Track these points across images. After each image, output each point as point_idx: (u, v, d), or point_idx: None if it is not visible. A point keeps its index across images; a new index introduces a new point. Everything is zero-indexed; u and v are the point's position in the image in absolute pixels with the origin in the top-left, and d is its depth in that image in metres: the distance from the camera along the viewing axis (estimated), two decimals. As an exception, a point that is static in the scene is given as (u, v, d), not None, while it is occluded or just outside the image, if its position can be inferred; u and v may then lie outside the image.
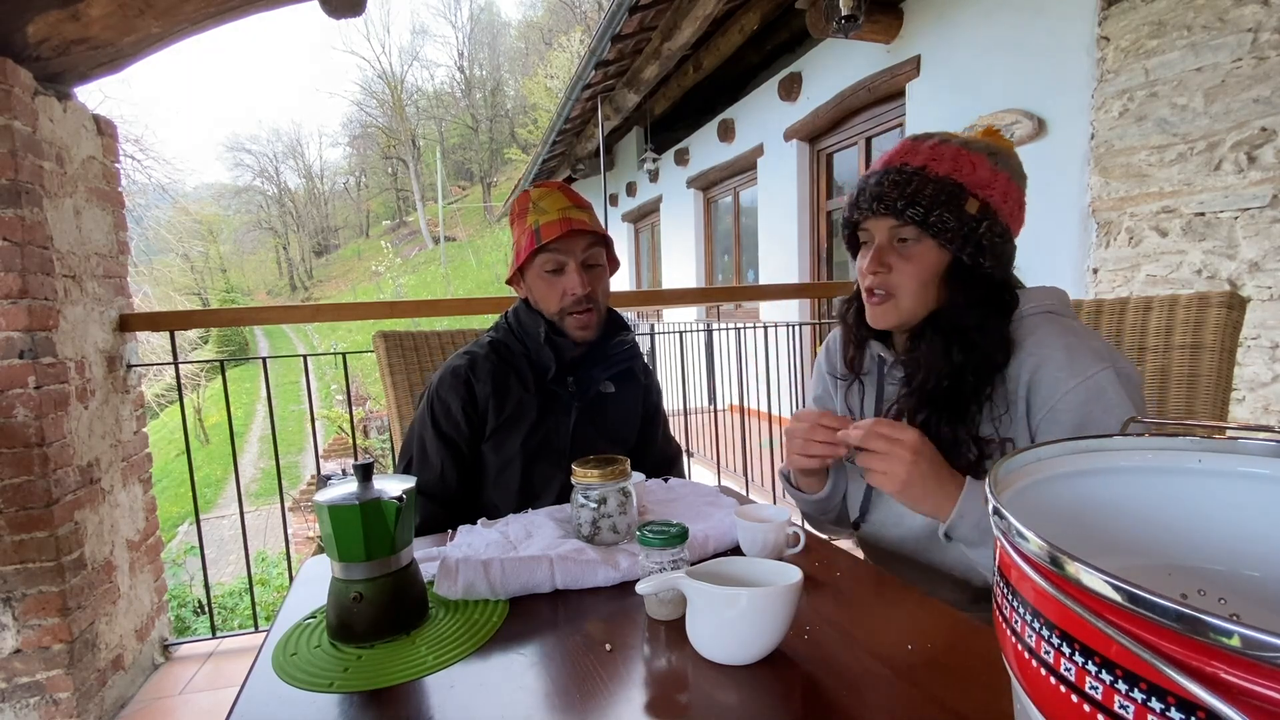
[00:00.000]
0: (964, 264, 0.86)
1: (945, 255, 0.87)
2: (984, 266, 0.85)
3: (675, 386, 3.44)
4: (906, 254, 0.88)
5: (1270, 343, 2.16)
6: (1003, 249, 0.86)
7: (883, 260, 0.88)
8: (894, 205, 0.85)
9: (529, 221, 1.15)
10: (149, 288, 15.04)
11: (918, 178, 0.85)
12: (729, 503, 1.02)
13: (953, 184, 0.84)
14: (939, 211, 0.84)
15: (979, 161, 0.86)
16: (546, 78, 27.97)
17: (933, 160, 0.86)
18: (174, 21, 1.83)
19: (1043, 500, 0.47)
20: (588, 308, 1.17)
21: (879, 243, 0.90)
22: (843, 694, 0.58)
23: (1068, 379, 0.80)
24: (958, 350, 0.85)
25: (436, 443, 1.15)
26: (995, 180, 0.85)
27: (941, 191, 0.84)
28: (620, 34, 4.48)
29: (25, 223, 1.69)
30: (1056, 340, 0.83)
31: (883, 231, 0.89)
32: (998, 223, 0.85)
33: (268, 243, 40.18)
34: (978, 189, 0.84)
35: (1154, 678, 0.27)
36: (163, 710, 1.94)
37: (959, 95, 3.47)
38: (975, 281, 0.86)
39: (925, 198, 0.84)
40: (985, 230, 0.84)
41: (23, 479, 1.70)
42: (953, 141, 0.88)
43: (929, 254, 0.87)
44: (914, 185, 0.85)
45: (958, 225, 0.84)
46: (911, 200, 0.84)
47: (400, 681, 0.63)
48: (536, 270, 1.17)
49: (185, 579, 3.82)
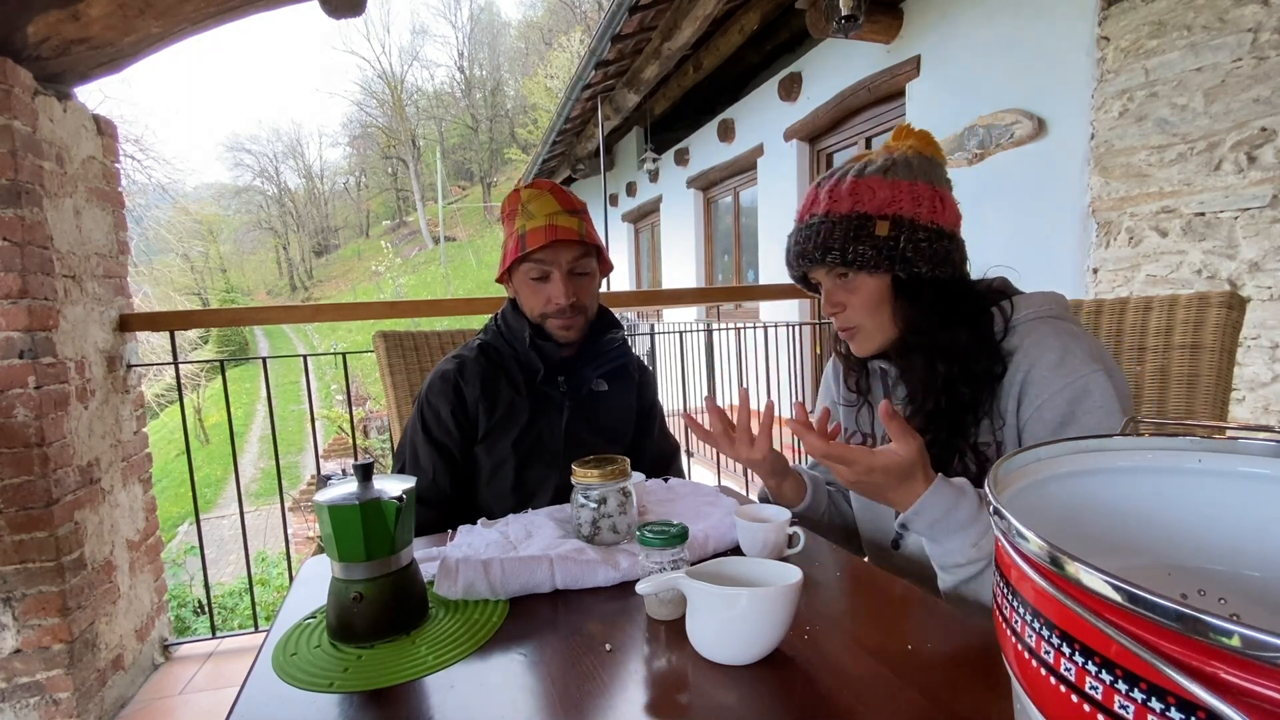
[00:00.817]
0: (902, 279, 0.89)
1: (882, 278, 0.90)
2: (923, 274, 0.87)
3: (675, 386, 3.44)
4: (850, 288, 0.92)
5: (1270, 343, 2.16)
6: (933, 249, 0.87)
7: (834, 301, 0.93)
8: (814, 256, 0.91)
9: (516, 225, 1.14)
10: (149, 288, 15.04)
11: (825, 225, 0.90)
12: (729, 503, 1.02)
13: (856, 216, 0.88)
14: (851, 247, 0.87)
15: (875, 184, 0.88)
16: (546, 78, 27.98)
17: (832, 203, 0.90)
18: (174, 21, 1.83)
19: (1043, 500, 0.47)
20: (570, 316, 1.16)
21: (825, 287, 0.95)
22: (843, 694, 0.58)
23: (1057, 379, 0.82)
24: (941, 362, 0.88)
25: (428, 448, 1.15)
26: (896, 192, 0.88)
27: (849, 229, 0.88)
28: (620, 34, 4.48)
29: (25, 223, 1.69)
30: (1052, 342, 0.84)
31: (824, 277, 0.94)
32: (916, 229, 0.87)
33: (268, 243, 40.18)
34: (882, 210, 0.87)
35: (1154, 678, 0.27)
36: (163, 710, 1.94)
37: (959, 95, 3.47)
38: (923, 289, 0.89)
39: (836, 240, 0.88)
40: (905, 242, 0.86)
41: (23, 479, 1.70)
42: (848, 176, 0.91)
43: (866, 283, 0.90)
44: (822, 234, 0.89)
45: (874, 252, 0.87)
46: (825, 247, 0.89)
47: (400, 681, 0.63)
48: (522, 276, 1.16)
49: (185, 579, 3.82)
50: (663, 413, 1.41)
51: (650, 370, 1.41)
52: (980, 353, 0.87)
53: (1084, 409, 0.80)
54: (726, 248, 7.09)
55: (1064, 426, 0.81)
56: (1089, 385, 0.80)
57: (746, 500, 1.07)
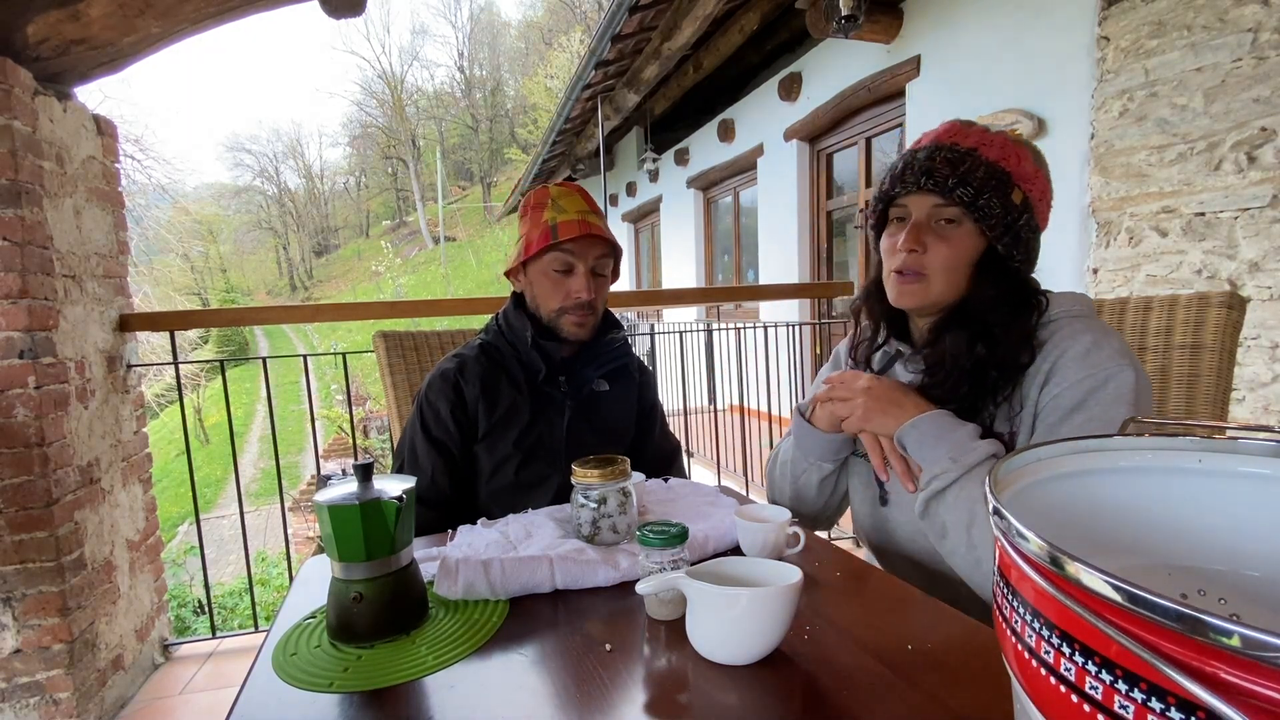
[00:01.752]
0: (997, 254, 0.85)
1: (982, 242, 0.86)
2: (1015, 259, 0.85)
3: (675, 386, 3.45)
4: (944, 235, 0.86)
5: (1270, 343, 2.16)
6: (1033, 244, 0.87)
7: (919, 239, 0.86)
8: (945, 182, 0.84)
9: (545, 216, 1.14)
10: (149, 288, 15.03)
11: (970, 158, 0.84)
12: (729, 503, 1.02)
13: (1002, 171, 0.84)
14: (988, 195, 0.83)
15: (1024, 155, 0.86)
16: (546, 78, 27.97)
17: (983, 144, 0.85)
18: (174, 21, 1.83)
19: (1043, 500, 0.47)
20: (587, 313, 1.17)
21: (917, 219, 0.88)
22: (843, 694, 0.58)
23: (1081, 368, 0.80)
24: (982, 344, 0.85)
25: (427, 447, 1.15)
26: (1037, 176, 0.86)
27: (992, 176, 0.83)
28: (620, 34, 4.48)
29: (25, 223, 1.69)
30: (1083, 337, 0.82)
31: (923, 209, 0.87)
32: (1034, 215, 0.86)
33: (268, 243, 40.18)
34: (1022, 180, 0.84)
35: (1154, 678, 0.27)
36: (163, 710, 1.94)
37: (959, 95, 3.47)
38: (1004, 274, 0.86)
39: (976, 179, 0.83)
40: (1024, 223, 0.84)
41: (23, 479, 1.70)
42: (997, 131, 0.88)
43: (967, 238, 0.86)
44: (967, 165, 0.84)
45: (1002, 212, 0.83)
46: (963, 179, 0.83)
47: (400, 681, 0.63)
48: (544, 267, 1.16)
49: (185, 579, 3.82)
50: (663, 412, 1.41)
51: (650, 370, 1.41)
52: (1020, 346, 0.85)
53: (1097, 398, 0.79)
54: (726, 248, 7.09)
55: (1075, 411, 0.80)
56: (1110, 378, 0.79)
57: (746, 500, 1.07)
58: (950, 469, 0.79)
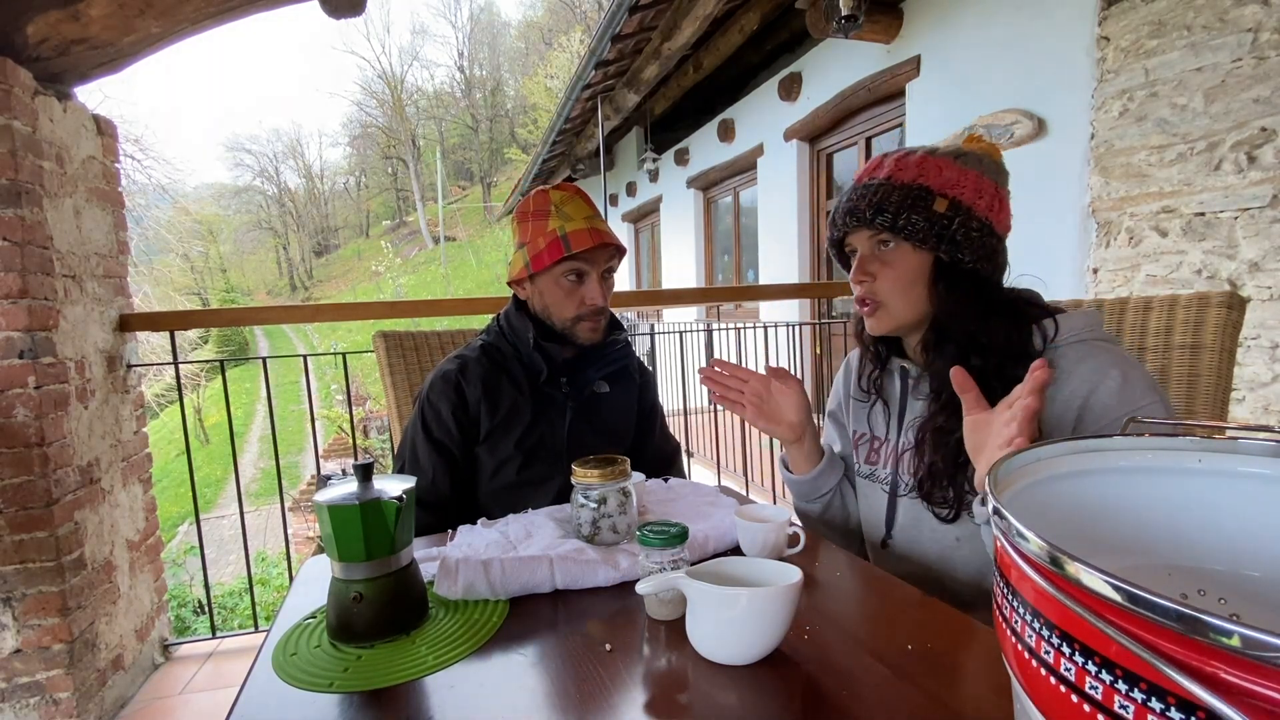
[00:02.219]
0: (944, 262, 0.88)
1: (925, 256, 0.89)
2: (964, 262, 0.87)
3: (675, 386, 3.45)
4: (886, 260, 0.91)
5: (1270, 343, 2.16)
6: (982, 243, 0.87)
7: (866, 269, 0.92)
8: (864, 216, 0.90)
9: (552, 225, 1.13)
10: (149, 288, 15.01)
11: (884, 187, 0.89)
12: (729, 503, 1.02)
13: (918, 188, 0.88)
14: (906, 214, 0.87)
15: (943, 164, 0.89)
16: (546, 78, 27.96)
17: (898, 170, 0.90)
18: (174, 21, 1.83)
19: (1043, 500, 0.47)
20: (601, 317, 1.18)
21: (862, 253, 0.94)
22: (843, 694, 0.58)
23: (1120, 407, 0.80)
24: (975, 356, 0.86)
25: (428, 448, 1.15)
26: (963, 178, 0.88)
27: (908, 196, 0.88)
28: (620, 34, 4.48)
29: (25, 223, 1.68)
30: (1112, 370, 0.82)
31: (864, 242, 0.93)
32: (972, 217, 0.87)
33: (268, 243, 40.18)
34: (945, 189, 0.87)
35: (1154, 678, 0.27)
36: (163, 710, 1.94)
37: (959, 95, 3.47)
38: (961, 279, 0.88)
39: (892, 204, 0.88)
40: (958, 226, 0.86)
41: (23, 479, 1.70)
42: (917, 152, 0.91)
43: (907, 257, 0.90)
44: (880, 194, 0.89)
45: (927, 225, 0.87)
46: (879, 209, 0.88)
47: (400, 681, 0.63)
48: (555, 277, 1.15)
49: (185, 579, 3.81)
50: (663, 413, 1.41)
51: (651, 371, 1.41)
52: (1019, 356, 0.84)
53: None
54: (726, 248, 7.09)
55: None
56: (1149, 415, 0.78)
57: (746, 500, 1.07)
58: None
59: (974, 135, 0.96)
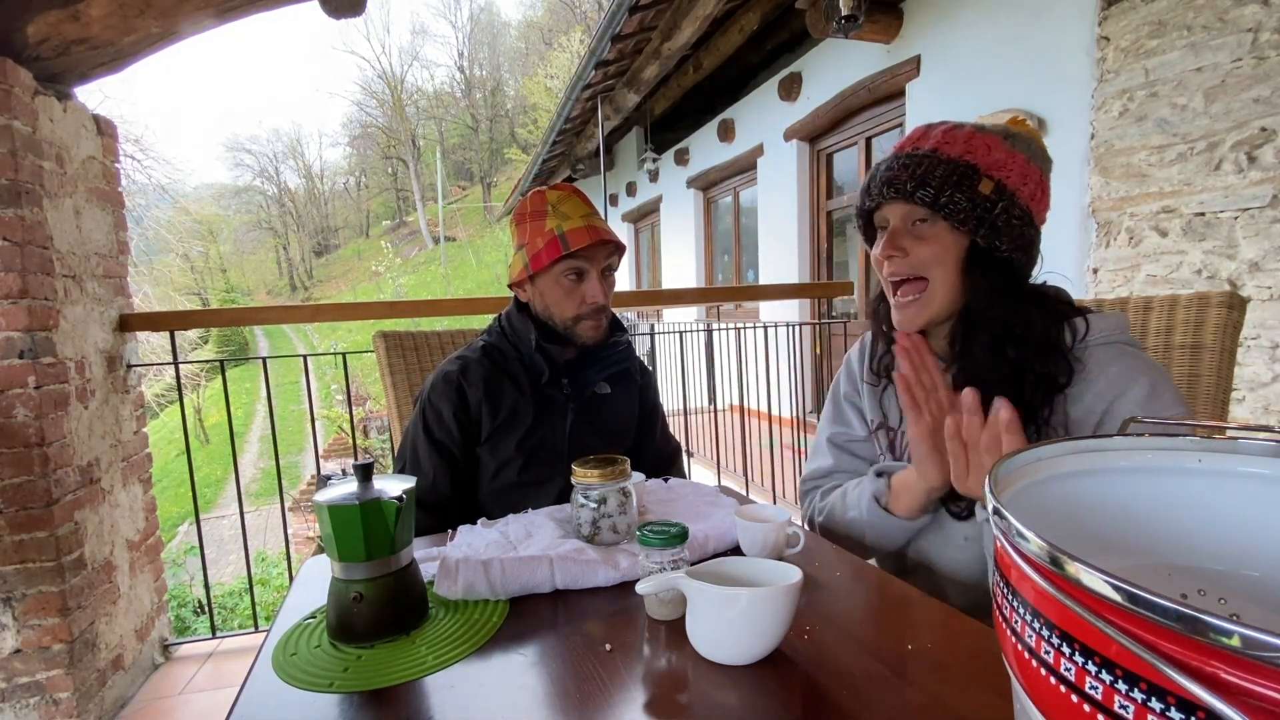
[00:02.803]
0: (980, 248, 0.84)
1: (961, 238, 0.84)
2: (1001, 250, 0.83)
3: (675, 386, 3.45)
4: (921, 236, 0.86)
5: (1270, 343, 2.16)
6: (1021, 231, 0.83)
7: (897, 244, 0.86)
8: (904, 188, 0.84)
9: (549, 225, 1.12)
10: (149, 288, 15.02)
11: (928, 160, 0.84)
12: (729, 503, 1.02)
13: (964, 165, 0.83)
14: (950, 192, 0.82)
15: (993, 143, 0.84)
16: (546, 78, 27.96)
17: (944, 144, 0.85)
18: (174, 21, 1.83)
19: (1043, 500, 0.47)
20: (603, 315, 1.18)
21: (893, 227, 0.88)
22: (843, 694, 0.58)
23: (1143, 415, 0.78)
24: (1011, 346, 0.82)
25: (429, 449, 1.15)
26: (1011, 160, 0.84)
27: (953, 172, 0.82)
28: (620, 34, 4.48)
29: (25, 223, 1.68)
30: (1141, 377, 0.80)
31: (897, 216, 0.88)
32: (1015, 204, 0.83)
33: (268, 243, 40.19)
34: (991, 170, 0.83)
35: (1154, 678, 0.27)
36: (163, 710, 1.94)
37: (959, 95, 3.47)
38: (996, 267, 0.84)
39: (936, 179, 0.83)
40: (1001, 211, 0.82)
41: (23, 479, 1.70)
42: (966, 126, 0.86)
43: (944, 235, 0.85)
44: (924, 167, 0.84)
45: (970, 206, 0.82)
46: (922, 182, 0.83)
47: (400, 681, 0.63)
48: (555, 276, 1.15)
49: (185, 579, 3.81)
50: (664, 414, 1.41)
51: (651, 372, 1.41)
52: (1053, 351, 0.82)
53: None
54: (726, 248, 7.09)
55: None
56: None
57: (746, 500, 1.07)
58: None
59: (1018, 117, 0.92)
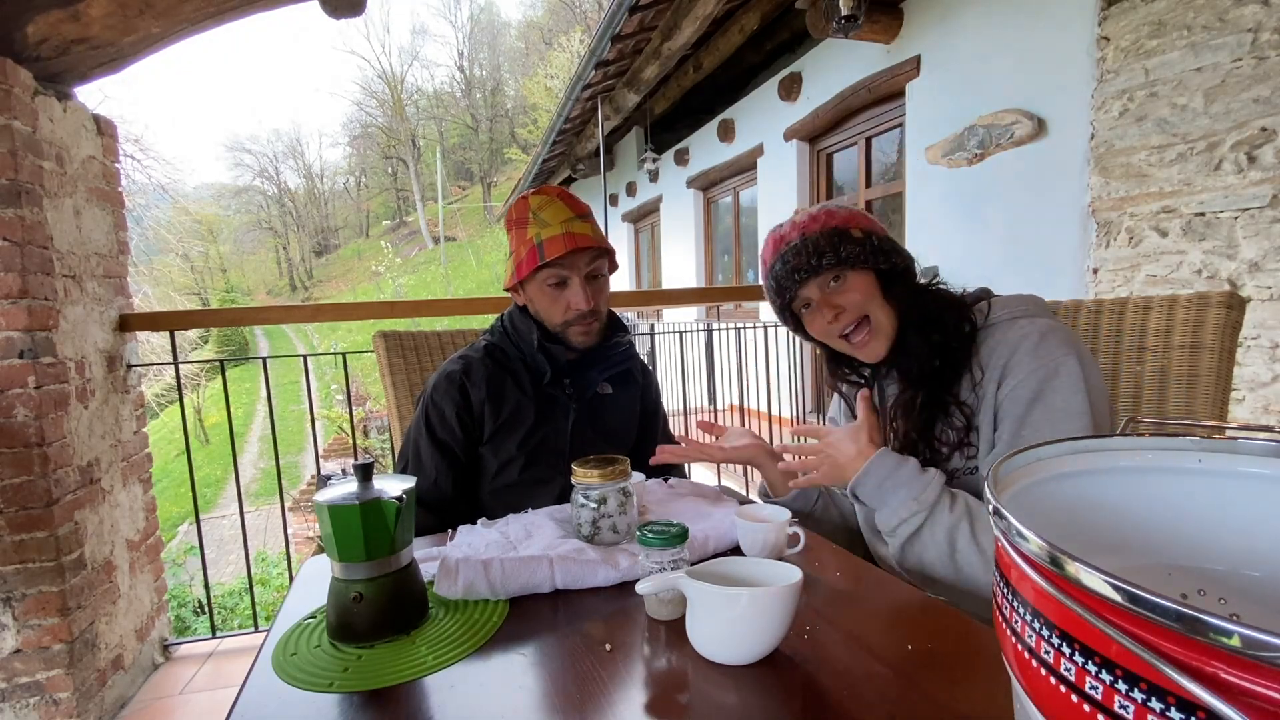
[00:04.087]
0: (884, 271, 0.99)
1: (868, 275, 0.99)
2: (897, 266, 0.99)
3: (675, 386, 3.45)
4: (844, 289, 0.99)
5: (1270, 343, 2.16)
6: (894, 247, 1.01)
7: (833, 304, 0.99)
8: (808, 267, 0.98)
9: (530, 234, 1.13)
10: (149, 288, 15.03)
11: (808, 241, 0.99)
12: (729, 503, 1.02)
13: (834, 229, 0.99)
14: (841, 247, 0.97)
15: (830, 213, 1.01)
16: (546, 78, 27.94)
17: (805, 228, 1.00)
18: (174, 21, 1.83)
19: (1043, 500, 0.47)
20: (590, 320, 1.17)
21: (819, 300, 1.01)
22: (843, 694, 0.58)
23: (1032, 360, 0.89)
24: (935, 332, 0.97)
25: (431, 448, 1.15)
26: (853, 215, 1.01)
27: (831, 237, 0.98)
28: (620, 34, 4.47)
29: (25, 223, 1.68)
30: (1031, 330, 0.92)
31: (815, 291, 1.01)
32: (875, 234, 1.00)
33: (268, 243, 40.19)
34: (850, 222, 1.00)
35: (1154, 678, 0.27)
36: (163, 710, 1.94)
37: (959, 95, 3.47)
38: (900, 278, 1.00)
39: (825, 248, 0.98)
40: (878, 243, 0.99)
41: (23, 479, 1.70)
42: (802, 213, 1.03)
43: (859, 279, 0.99)
44: (809, 248, 0.99)
45: (859, 249, 0.97)
46: (818, 254, 0.98)
47: (400, 681, 0.63)
48: (539, 284, 1.15)
49: (185, 579, 3.81)
50: (666, 415, 1.41)
51: (653, 373, 1.41)
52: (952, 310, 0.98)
53: (1051, 387, 0.88)
54: (726, 248, 7.09)
55: (1034, 402, 0.88)
56: (1059, 367, 0.88)
57: (747, 500, 1.07)
58: (917, 510, 0.88)
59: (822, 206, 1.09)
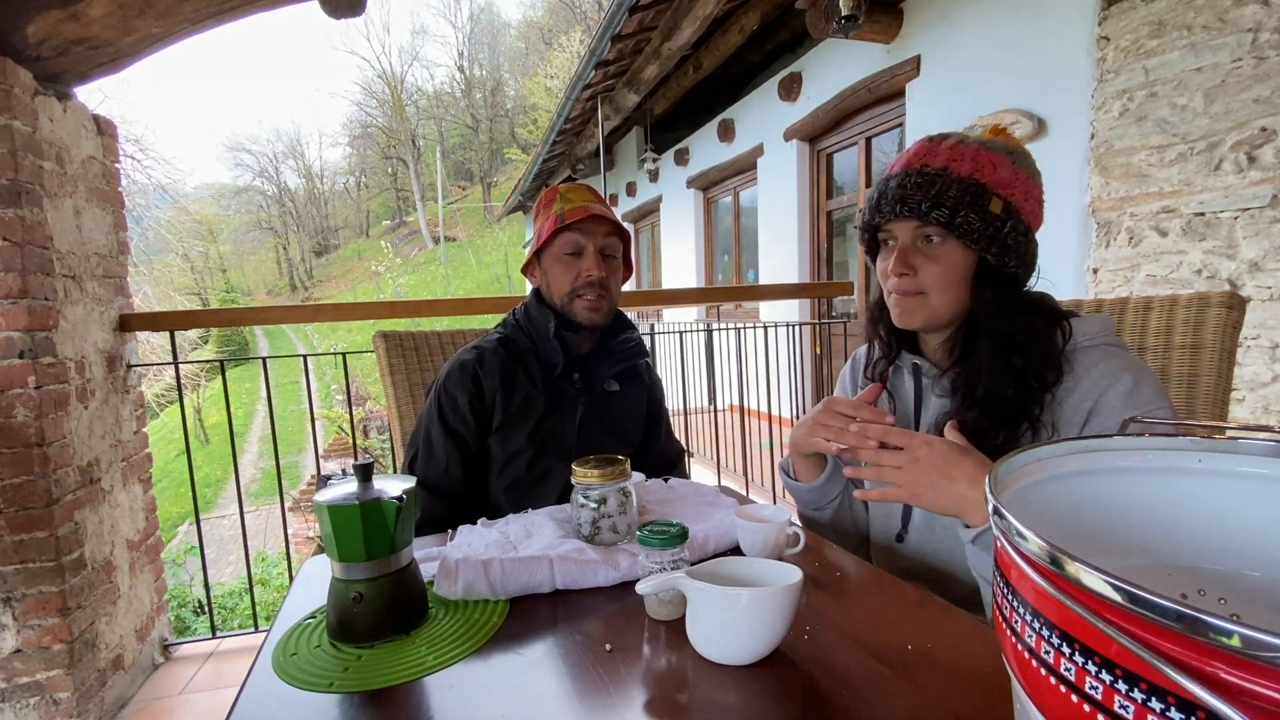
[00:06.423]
0: (989, 264, 0.86)
1: (971, 255, 0.86)
2: (1009, 266, 0.85)
3: (675, 386, 3.45)
4: (932, 254, 0.87)
5: (1270, 343, 2.16)
6: (1025, 248, 0.86)
7: (908, 262, 0.87)
8: (918, 207, 0.85)
9: (555, 209, 1.20)
10: (149, 288, 15.02)
11: (941, 179, 0.85)
12: (729, 503, 1.02)
13: (975, 184, 0.84)
14: (964, 212, 0.83)
15: (999, 161, 0.85)
16: (546, 78, 27.94)
17: (954, 160, 0.85)
18: (174, 21, 1.83)
19: (1043, 500, 0.47)
20: (600, 293, 1.19)
21: (903, 244, 0.89)
22: (843, 694, 0.58)
23: (1128, 409, 0.80)
24: (1016, 355, 0.84)
25: (443, 436, 1.16)
26: (1016, 179, 0.86)
27: (965, 192, 0.84)
28: (620, 34, 4.48)
29: (25, 223, 1.68)
30: (1125, 375, 0.82)
31: (906, 233, 0.89)
32: (1020, 222, 0.85)
33: (268, 243, 40.20)
34: (1000, 188, 0.84)
35: (1154, 678, 0.27)
36: (163, 710, 1.94)
37: (959, 95, 3.47)
38: (1002, 281, 0.86)
39: (949, 199, 0.84)
40: (1009, 230, 0.84)
41: (23, 479, 1.70)
42: (970, 141, 0.87)
43: (955, 254, 0.86)
44: (938, 186, 0.84)
45: (983, 226, 0.83)
46: (936, 202, 0.84)
47: (400, 681, 0.63)
48: (555, 252, 1.20)
49: (185, 579, 3.81)
50: (669, 416, 1.42)
51: (658, 374, 1.42)
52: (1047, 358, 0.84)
53: None
54: (726, 248, 7.09)
55: None
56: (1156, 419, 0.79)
57: (746, 500, 1.07)
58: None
59: (999, 128, 0.93)
